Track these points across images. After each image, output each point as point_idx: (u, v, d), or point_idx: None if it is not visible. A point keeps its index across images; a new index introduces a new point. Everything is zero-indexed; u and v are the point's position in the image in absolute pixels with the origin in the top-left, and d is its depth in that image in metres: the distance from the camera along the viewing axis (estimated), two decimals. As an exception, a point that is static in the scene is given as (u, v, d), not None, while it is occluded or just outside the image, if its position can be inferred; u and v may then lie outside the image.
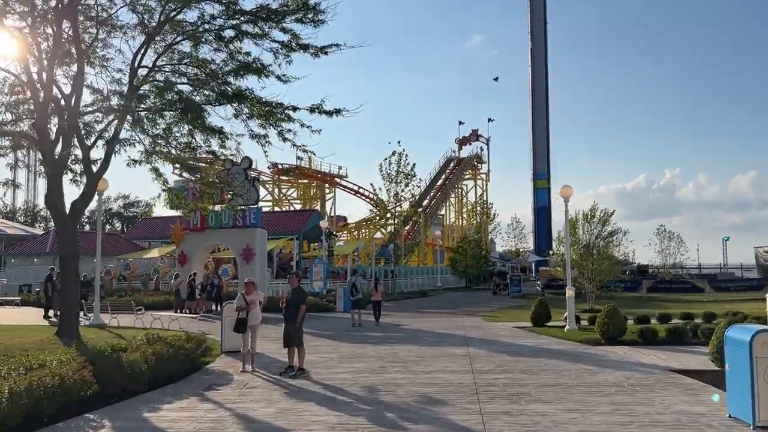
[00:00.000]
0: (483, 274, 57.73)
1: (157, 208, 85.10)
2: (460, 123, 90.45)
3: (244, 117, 17.16)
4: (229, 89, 14.33)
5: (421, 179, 38.77)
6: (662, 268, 50.25)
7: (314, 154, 17.50)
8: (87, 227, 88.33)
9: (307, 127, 15.98)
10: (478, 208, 74.37)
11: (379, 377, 11.09)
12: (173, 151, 15.56)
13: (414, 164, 38.16)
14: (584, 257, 25.22)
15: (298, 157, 66.42)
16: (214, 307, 28.25)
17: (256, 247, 30.69)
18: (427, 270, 58.19)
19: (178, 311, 26.91)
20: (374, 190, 39.12)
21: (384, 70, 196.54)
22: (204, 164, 19.25)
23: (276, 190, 67.81)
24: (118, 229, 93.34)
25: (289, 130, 16.65)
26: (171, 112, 14.96)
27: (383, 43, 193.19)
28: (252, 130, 16.54)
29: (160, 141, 15.38)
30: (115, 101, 16.26)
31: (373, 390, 10.00)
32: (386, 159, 38.18)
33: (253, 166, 68.30)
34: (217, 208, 31.82)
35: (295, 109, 16.22)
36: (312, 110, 16.12)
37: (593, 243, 25.39)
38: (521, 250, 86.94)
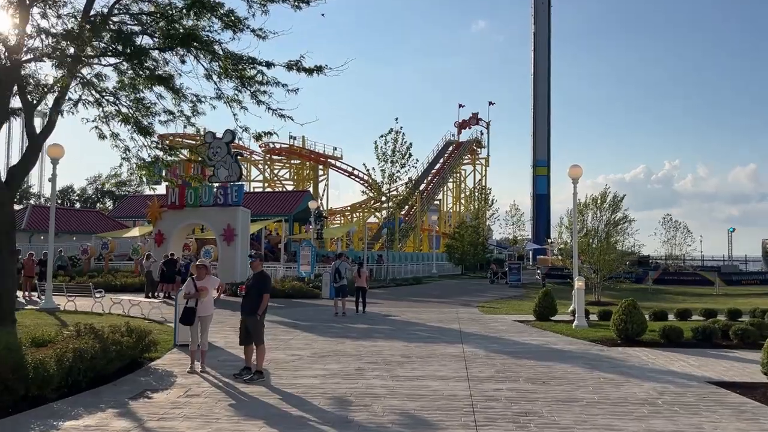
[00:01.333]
0: (480, 261, 55.76)
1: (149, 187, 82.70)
2: (461, 106, 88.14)
3: (215, 78, 15.04)
4: (177, 30, 12.06)
5: (417, 160, 36.48)
6: (667, 259, 48.30)
7: (292, 120, 15.25)
8: (78, 205, 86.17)
9: (283, 85, 13.78)
10: (476, 194, 72.16)
11: (353, 384, 9.02)
12: (123, 109, 13.34)
13: (411, 143, 35.98)
14: (592, 246, 23.14)
15: (291, 137, 64.52)
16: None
17: (238, 227, 28.57)
18: (423, 256, 56.16)
19: (150, 294, 24.84)
20: (367, 170, 36.85)
21: (385, 53, 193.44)
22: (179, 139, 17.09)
23: (268, 171, 65.59)
24: (110, 209, 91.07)
25: (264, 91, 14.48)
26: (118, 62, 12.73)
27: (385, 26, 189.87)
28: (220, 90, 14.33)
29: (108, 97, 13.16)
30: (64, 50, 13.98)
31: (343, 403, 7.93)
32: (382, 137, 35.98)
33: (245, 145, 66.55)
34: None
35: (269, 65, 13.98)
36: (290, 67, 13.89)
37: (602, 230, 23.29)
38: (519, 238, 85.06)
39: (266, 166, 64.99)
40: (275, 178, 65.45)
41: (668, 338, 12.71)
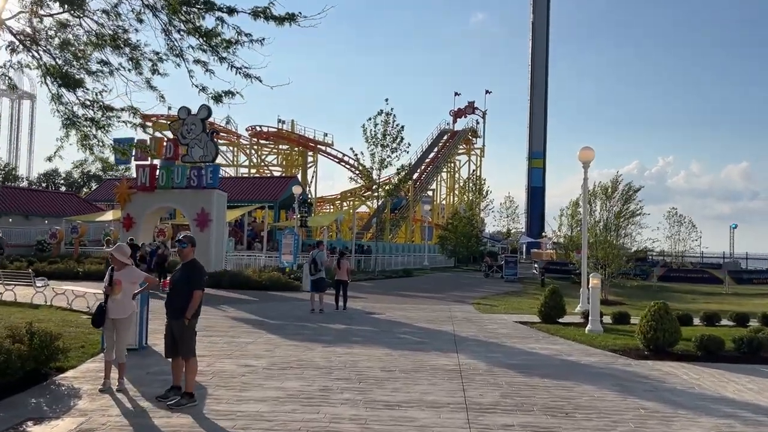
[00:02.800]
0: (473, 254, 53.58)
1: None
2: (456, 94, 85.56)
3: (175, 34, 12.67)
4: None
5: (410, 144, 33.91)
6: (667, 256, 46.25)
7: (260, 81, 12.87)
8: (63, 188, 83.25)
9: (246, 35, 11.38)
10: (471, 184, 69.90)
11: (313, 415, 6.72)
12: (45, 57, 10.90)
13: (403, 126, 33.49)
14: (600, 239, 20.92)
15: (279, 120, 61.92)
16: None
17: (213, 211, 26.15)
18: (414, 247, 53.91)
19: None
20: (355, 154, 34.33)
21: (379, 43, 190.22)
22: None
23: (255, 156, 63.02)
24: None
25: (227, 46, 12.11)
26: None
27: (382, 16, 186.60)
28: (172, 42, 11.93)
29: (26, 41, 10.72)
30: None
31: (293, 448, 5.63)
32: (371, 119, 33.48)
33: (232, 128, 63.93)
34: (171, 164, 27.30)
35: (231, 11, 11.58)
36: (256, 15, 11.49)
37: (612, 222, 21.04)
38: (513, 230, 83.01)
39: (253, 151, 62.42)
40: (263, 164, 62.89)
41: (706, 350, 10.48)
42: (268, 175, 59.79)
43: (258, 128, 58.66)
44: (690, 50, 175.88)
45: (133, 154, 28.00)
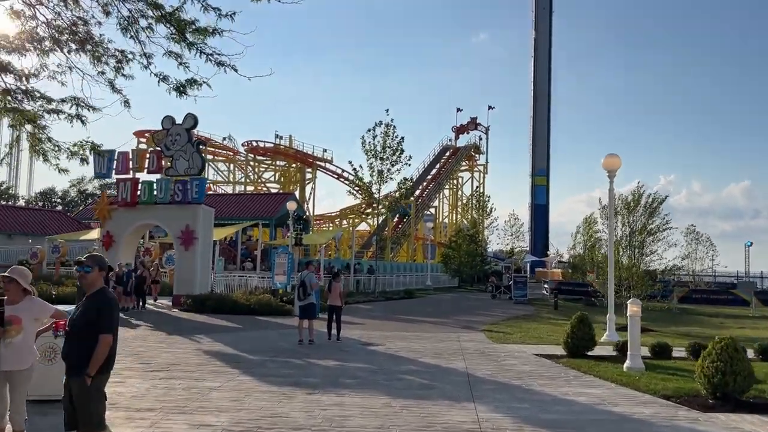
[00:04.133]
0: (477, 273, 51.37)
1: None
2: (458, 110, 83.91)
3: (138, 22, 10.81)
4: None
5: (410, 156, 31.90)
6: (684, 275, 43.92)
7: (235, 71, 10.91)
8: (59, 207, 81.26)
9: (214, 9, 9.50)
10: (474, 201, 67.82)
11: None
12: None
13: (403, 138, 31.52)
14: (622, 257, 18.79)
15: (277, 135, 60.10)
16: (132, 305, 21.69)
17: (198, 228, 24.10)
18: (416, 266, 51.79)
19: (82, 308, 20.25)
20: (354, 168, 32.30)
21: (382, 63, 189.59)
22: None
23: (252, 173, 61.15)
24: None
25: (194, 28, 10.21)
26: None
27: (383, 36, 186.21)
28: (131, 19, 10.07)
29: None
30: None
31: None
32: (370, 131, 31.53)
33: (230, 144, 62.09)
34: (154, 178, 25.32)
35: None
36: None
37: (636, 239, 18.91)
38: (517, 249, 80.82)
39: (250, 168, 60.53)
40: (260, 181, 60.97)
41: (788, 398, 8.30)
42: (265, 192, 57.87)
43: (255, 143, 56.84)
44: (693, 68, 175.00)
45: (113, 166, 26.13)
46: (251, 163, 59.86)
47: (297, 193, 55.50)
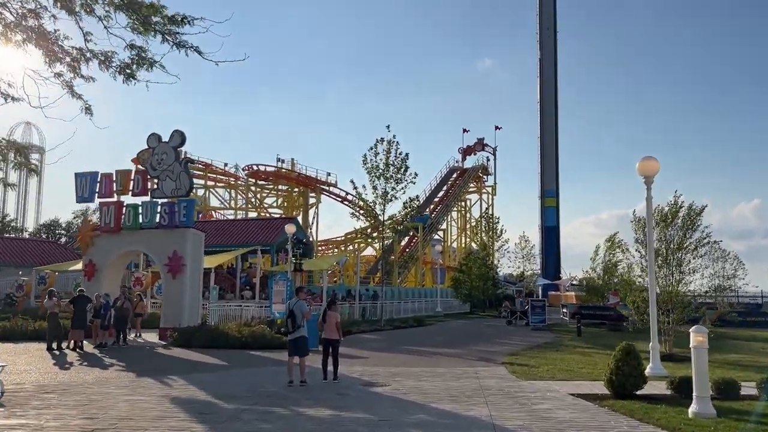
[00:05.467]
0: (489, 297, 48.98)
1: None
2: (465, 131, 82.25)
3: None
4: None
5: (416, 174, 29.78)
6: (710, 296, 41.36)
7: (199, 53, 9.05)
8: (64, 239, 79.58)
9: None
10: (483, 222, 65.62)
11: None
12: None
13: (407, 154, 29.52)
14: (660, 278, 16.56)
15: (279, 159, 58.38)
16: (111, 341, 19.59)
17: (187, 254, 22.09)
18: (425, 292, 49.44)
19: (55, 346, 18.16)
20: (355, 188, 30.23)
21: (385, 90, 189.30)
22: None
23: (254, 198, 59.29)
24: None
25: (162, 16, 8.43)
26: None
27: (387, 63, 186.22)
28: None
29: None
30: None
31: None
32: (371, 149, 29.57)
33: (231, 170, 60.37)
34: (139, 201, 23.42)
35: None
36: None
37: (674, 256, 16.68)
38: (528, 272, 78.32)
39: (251, 193, 58.69)
40: (262, 206, 59.09)
41: None
42: (267, 217, 55.97)
43: (256, 167, 55.09)
44: (701, 87, 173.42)
45: (96, 189, 24.29)
46: (252, 188, 58.03)
47: (300, 218, 53.55)
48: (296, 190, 57.15)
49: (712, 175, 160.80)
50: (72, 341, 18.30)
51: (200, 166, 58.74)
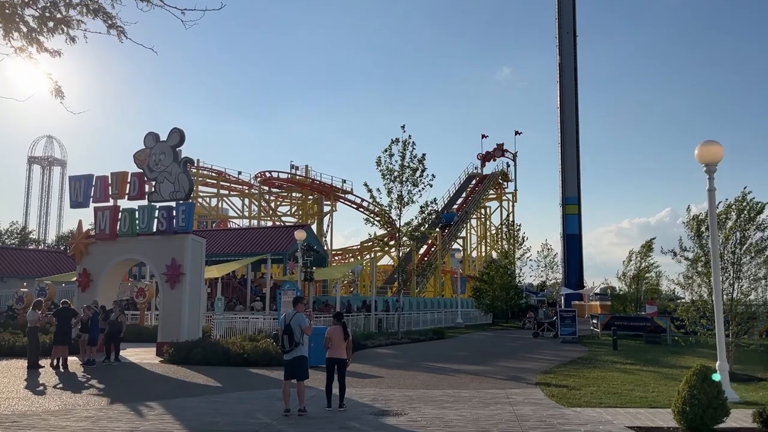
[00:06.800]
0: (513, 308, 46.65)
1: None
2: (483, 137, 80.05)
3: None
4: None
5: (434, 176, 27.75)
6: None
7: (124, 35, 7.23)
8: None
9: None
10: (504, 229, 63.31)
11: None
12: None
13: (424, 155, 27.57)
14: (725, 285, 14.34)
15: (292, 166, 56.80)
16: (102, 358, 17.81)
17: (186, 262, 20.30)
18: (445, 302, 47.33)
19: (37, 363, 16.44)
20: (369, 190, 28.21)
21: (403, 99, 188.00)
22: None
23: (266, 206, 57.68)
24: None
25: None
26: None
27: (405, 72, 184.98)
28: None
29: None
30: None
31: None
32: (386, 150, 27.64)
33: (240, 177, 58.91)
34: (135, 205, 21.73)
35: None
36: None
37: (738, 259, 14.45)
38: (551, 281, 75.64)
39: (263, 202, 57.08)
40: (275, 214, 57.44)
41: None
42: (279, 225, 54.31)
43: (268, 174, 53.51)
44: (721, 92, 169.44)
45: (91, 194, 22.67)
46: (265, 196, 56.44)
47: (314, 227, 51.79)
48: (310, 197, 55.47)
49: (738, 181, 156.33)
50: (55, 359, 16.53)
51: (213, 174, 57.42)
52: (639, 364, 18.40)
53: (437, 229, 54.88)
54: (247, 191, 58.80)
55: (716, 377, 8.64)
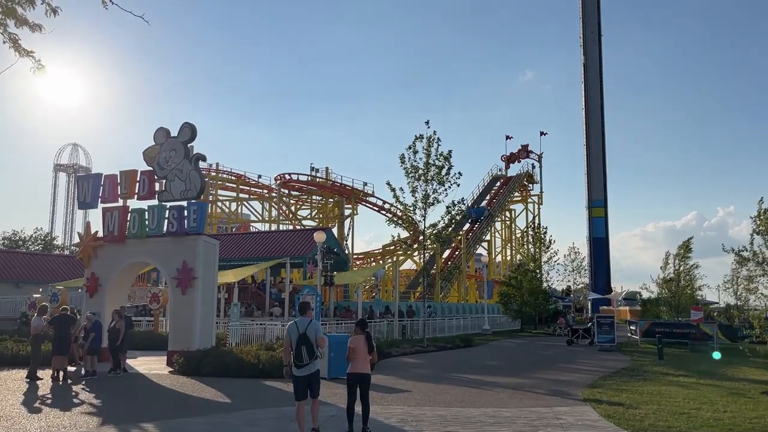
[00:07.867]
0: (541, 313, 44.72)
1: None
2: (508, 138, 78.14)
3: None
4: None
5: (460, 174, 26.14)
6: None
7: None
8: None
9: None
10: (531, 231, 61.27)
11: None
12: None
13: (450, 151, 25.98)
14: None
15: (312, 168, 55.59)
16: (108, 368, 16.53)
17: (198, 266, 18.95)
18: (471, 307, 45.58)
19: (39, 373, 15.25)
20: (392, 189, 26.59)
21: (426, 104, 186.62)
22: None
23: (286, 209, 56.49)
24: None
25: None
26: None
27: (426, 78, 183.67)
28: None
29: None
30: None
31: None
32: (410, 147, 26.09)
33: (260, 180, 57.88)
34: (145, 205, 20.51)
35: None
36: None
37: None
38: (578, 286, 73.26)
39: (283, 205, 55.89)
40: (294, 217, 56.22)
41: None
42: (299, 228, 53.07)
43: (288, 176, 52.33)
44: (746, 95, 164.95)
45: (100, 194, 21.53)
46: (285, 199, 55.26)
47: (335, 230, 50.45)
48: (331, 200, 54.15)
49: (765, 183, 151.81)
50: (55, 369, 15.29)
51: (233, 178, 56.50)
52: (693, 376, 16.58)
53: (468, 224, 53.00)
54: (266, 195, 57.76)
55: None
